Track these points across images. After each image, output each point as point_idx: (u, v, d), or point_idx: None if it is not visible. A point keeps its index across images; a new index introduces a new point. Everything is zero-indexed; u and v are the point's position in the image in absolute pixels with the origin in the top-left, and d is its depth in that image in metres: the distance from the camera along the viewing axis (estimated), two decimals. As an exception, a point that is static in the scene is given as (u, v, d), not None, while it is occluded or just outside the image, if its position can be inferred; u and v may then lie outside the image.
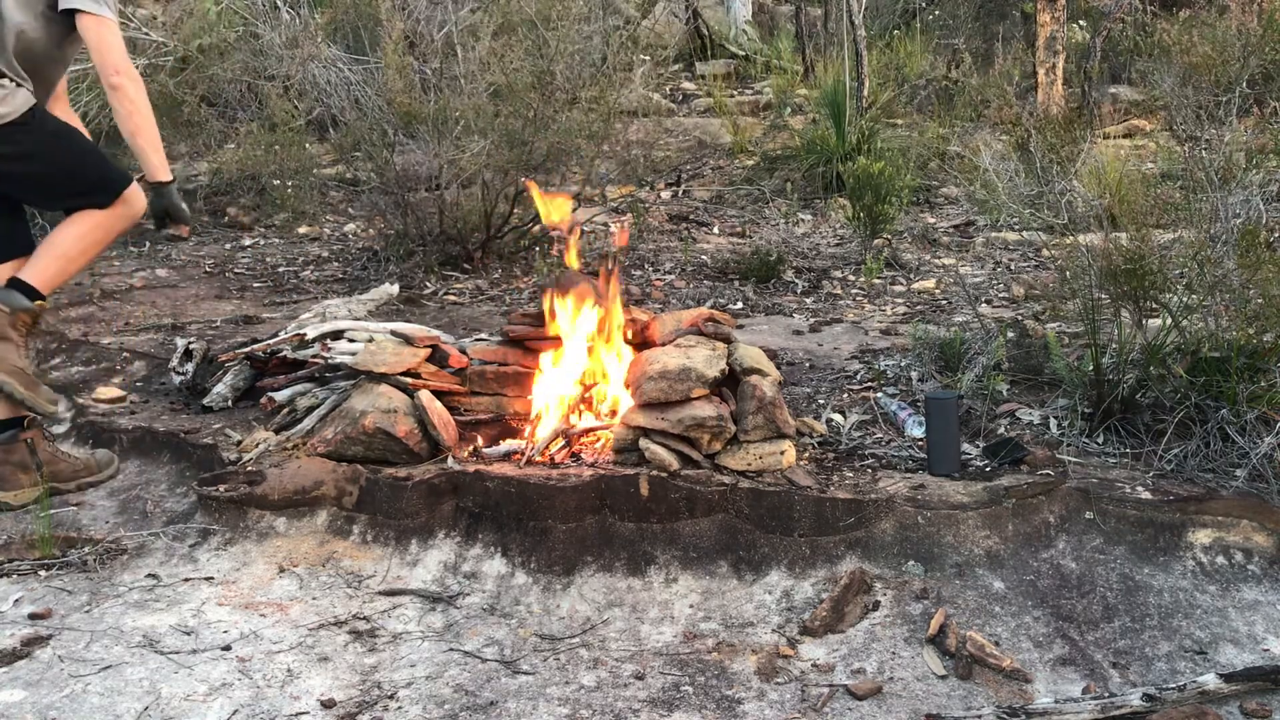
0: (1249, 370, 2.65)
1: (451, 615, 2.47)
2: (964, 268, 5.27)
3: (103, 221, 2.89)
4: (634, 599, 2.49)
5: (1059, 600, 2.36)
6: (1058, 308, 3.41)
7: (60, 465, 3.01)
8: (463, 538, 2.69)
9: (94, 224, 2.88)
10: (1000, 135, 4.57)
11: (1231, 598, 2.36)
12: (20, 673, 2.22)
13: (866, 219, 5.59)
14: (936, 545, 2.50)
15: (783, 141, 7.67)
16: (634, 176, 6.25)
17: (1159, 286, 2.90)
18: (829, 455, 2.87)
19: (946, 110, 7.75)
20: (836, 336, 4.07)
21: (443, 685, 2.18)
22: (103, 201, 2.87)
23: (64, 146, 2.87)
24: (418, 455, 2.87)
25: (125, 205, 2.92)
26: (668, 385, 2.69)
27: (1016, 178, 3.35)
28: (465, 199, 5.27)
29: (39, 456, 2.95)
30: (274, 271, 5.57)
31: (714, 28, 10.75)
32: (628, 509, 2.63)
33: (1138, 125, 7.44)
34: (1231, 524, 2.49)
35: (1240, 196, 2.85)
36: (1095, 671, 2.17)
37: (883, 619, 2.36)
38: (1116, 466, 2.73)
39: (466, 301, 4.81)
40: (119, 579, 2.64)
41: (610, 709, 2.09)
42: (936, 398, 2.74)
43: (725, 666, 2.23)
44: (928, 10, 10.61)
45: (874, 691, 2.12)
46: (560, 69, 5.04)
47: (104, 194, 2.89)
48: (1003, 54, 8.83)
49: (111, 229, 2.93)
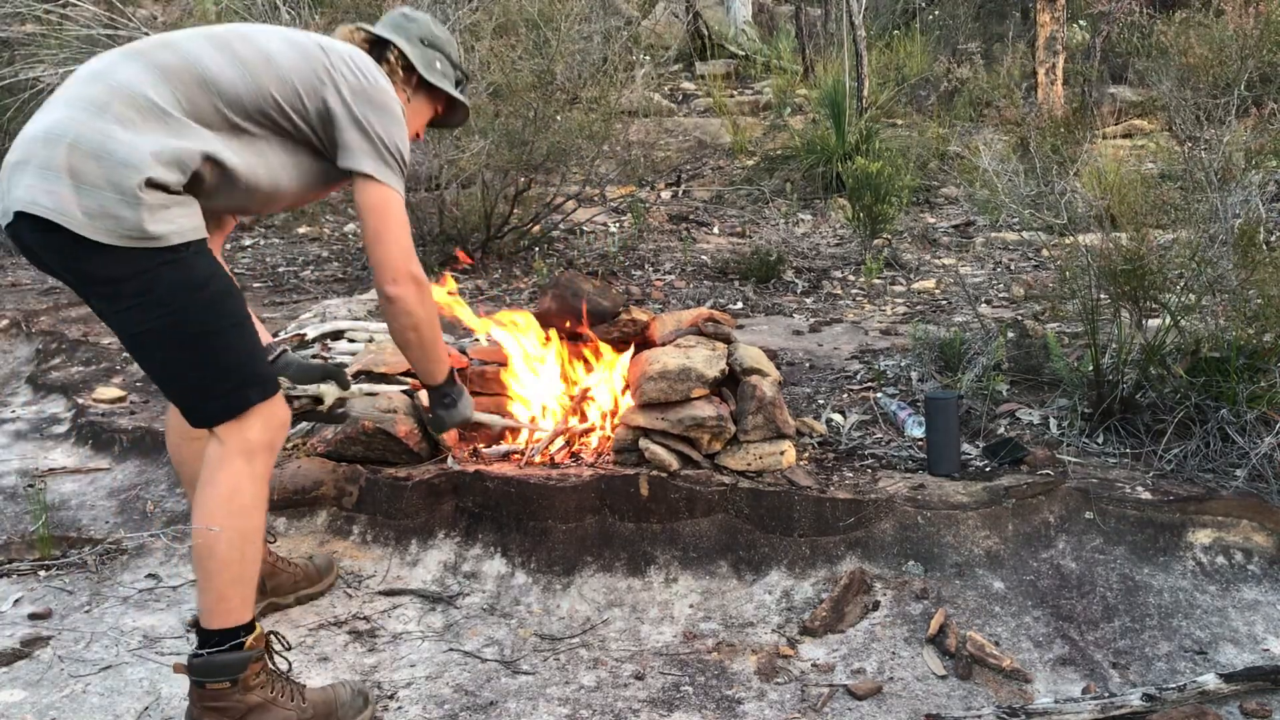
0: (1249, 370, 2.65)
1: (451, 615, 2.47)
2: (964, 268, 5.27)
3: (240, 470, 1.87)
4: (634, 599, 2.49)
5: (1059, 600, 2.36)
6: (1057, 308, 3.41)
7: (281, 577, 2.48)
8: (463, 538, 2.69)
9: (233, 488, 1.87)
10: (1001, 135, 4.57)
11: (1231, 598, 2.36)
12: (20, 673, 2.22)
13: (866, 219, 5.59)
14: (936, 545, 2.50)
15: (783, 141, 7.67)
16: (634, 176, 6.25)
17: (1158, 286, 2.90)
18: (829, 455, 2.87)
19: (946, 110, 7.75)
20: (836, 336, 4.07)
21: (443, 685, 2.18)
22: (218, 415, 1.88)
23: (204, 310, 1.83)
24: (418, 455, 2.87)
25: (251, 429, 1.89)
26: (668, 385, 2.69)
27: (1016, 178, 3.35)
28: (465, 199, 5.27)
29: (261, 570, 2.13)
30: (274, 271, 5.57)
31: (714, 28, 10.76)
32: (628, 509, 2.63)
33: (1138, 125, 7.44)
34: (1231, 524, 2.49)
35: (1239, 197, 2.85)
36: (1095, 671, 2.17)
37: (883, 619, 2.36)
38: (1116, 466, 2.73)
39: (466, 301, 4.81)
40: (119, 579, 2.64)
41: (610, 709, 2.09)
42: (936, 398, 2.74)
43: (725, 666, 2.23)
44: (928, 10, 10.61)
45: (874, 691, 2.12)
46: (560, 69, 5.04)
47: (221, 407, 1.88)
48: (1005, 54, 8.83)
49: (257, 477, 1.90)
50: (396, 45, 2.19)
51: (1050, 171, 3.27)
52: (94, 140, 1.72)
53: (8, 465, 3.37)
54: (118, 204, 1.71)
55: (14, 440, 3.57)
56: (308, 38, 2.02)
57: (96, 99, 1.77)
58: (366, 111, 1.97)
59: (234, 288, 1.91)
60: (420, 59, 2.22)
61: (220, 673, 1.87)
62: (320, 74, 1.95)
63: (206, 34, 1.93)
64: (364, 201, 1.98)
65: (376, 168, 1.96)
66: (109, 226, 1.70)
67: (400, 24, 2.24)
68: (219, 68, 1.86)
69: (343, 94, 1.96)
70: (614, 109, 5.34)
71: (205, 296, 1.82)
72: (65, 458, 3.40)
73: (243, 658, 1.88)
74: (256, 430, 1.88)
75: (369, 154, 1.96)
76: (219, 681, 1.87)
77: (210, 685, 1.87)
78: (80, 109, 1.76)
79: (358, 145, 1.96)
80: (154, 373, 1.93)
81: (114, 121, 1.74)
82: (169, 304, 1.78)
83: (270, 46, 1.93)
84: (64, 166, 1.70)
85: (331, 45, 2.03)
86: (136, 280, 1.76)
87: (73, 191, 1.70)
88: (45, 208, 1.69)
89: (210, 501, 1.86)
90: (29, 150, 1.74)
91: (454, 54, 2.30)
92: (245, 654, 1.88)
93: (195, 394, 1.89)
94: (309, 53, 1.97)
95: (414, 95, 2.26)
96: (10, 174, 1.75)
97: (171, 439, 2.25)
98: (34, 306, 4.84)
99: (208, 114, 1.85)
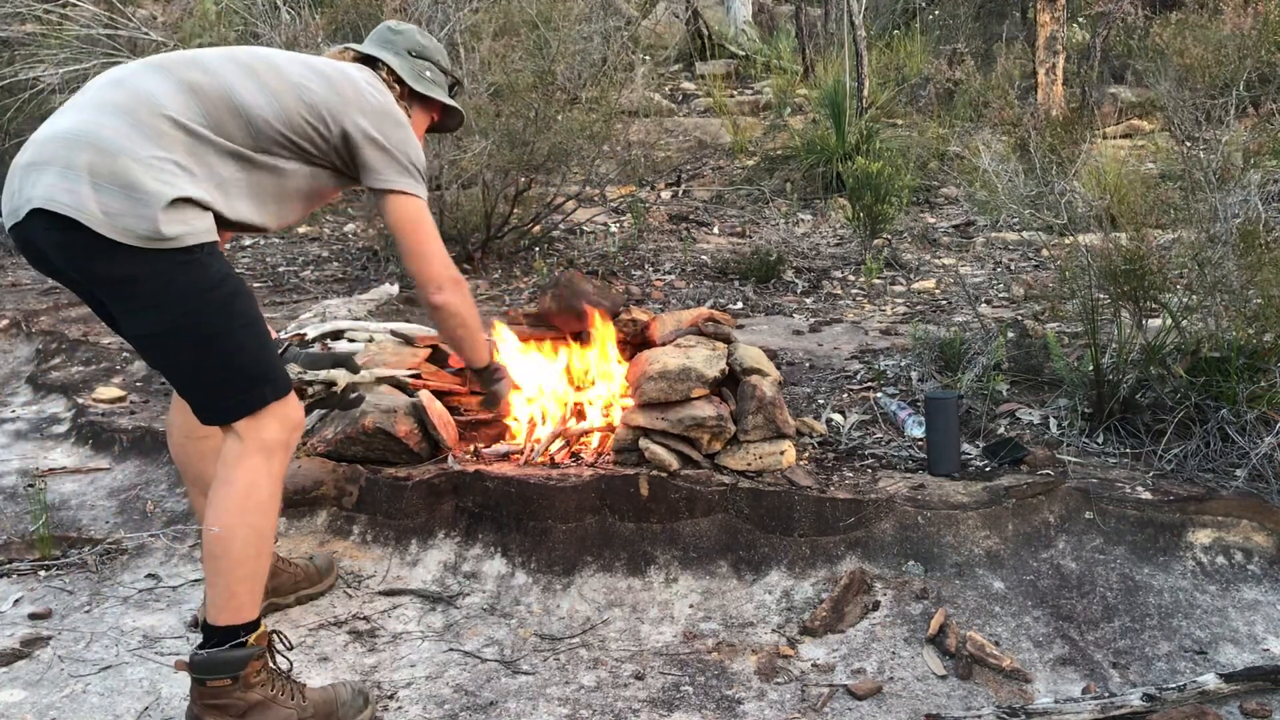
0: (1249, 370, 2.65)
1: (451, 615, 2.47)
2: (964, 268, 5.27)
3: (257, 467, 1.88)
4: (634, 599, 2.49)
5: (1059, 600, 2.36)
6: (1057, 308, 3.41)
7: (282, 577, 2.48)
8: (463, 538, 2.69)
9: (249, 485, 1.87)
10: (1000, 136, 4.57)
11: (1231, 598, 2.36)
12: (20, 673, 2.22)
13: (866, 219, 5.59)
14: (936, 545, 2.50)
15: (783, 141, 7.67)
16: (634, 176, 6.25)
17: (1158, 286, 2.90)
18: (829, 455, 2.87)
19: (946, 110, 7.75)
20: (836, 336, 4.07)
21: (443, 685, 2.18)
22: (231, 412, 1.89)
23: (217, 310, 1.84)
24: (418, 455, 2.87)
25: (268, 429, 1.90)
26: (668, 385, 2.69)
27: (1016, 179, 3.35)
28: (466, 199, 5.27)
29: None
30: (274, 271, 5.57)
31: (714, 28, 10.76)
32: (628, 509, 2.63)
33: (1138, 125, 7.44)
34: (1231, 524, 2.49)
35: (1239, 197, 2.85)
36: (1095, 671, 2.17)
37: (883, 619, 2.36)
38: (1116, 466, 2.73)
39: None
40: (119, 579, 2.64)
41: (610, 709, 2.09)
42: (936, 398, 2.74)
43: (725, 666, 2.23)
44: (928, 10, 10.61)
45: (874, 691, 2.12)
46: (561, 69, 5.04)
47: (236, 405, 1.89)
48: (1004, 54, 8.83)
49: (273, 475, 1.91)
50: (384, 62, 2.23)
51: (1049, 172, 3.27)
52: (115, 143, 1.74)
53: (8, 465, 3.37)
54: (135, 205, 1.73)
55: (14, 440, 3.57)
56: (328, 64, 2.09)
57: (121, 104, 1.80)
58: (386, 129, 2.04)
59: (245, 288, 1.93)
60: (409, 71, 2.26)
61: (221, 670, 1.87)
62: (344, 98, 2.01)
63: (231, 55, 1.97)
64: (396, 217, 2.07)
65: (404, 181, 2.05)
66: (126, 226, 1.72)
67: (387, 39, 2.28)
68: (248, 92, 1.91)
69: (365, 115, 2.02)
70: (614, 109, 5.34)
71: (218, 297, 1.83)
72: (65, 458, 3.40)
73: (244, 655, 1.88)
74: (273, 429, 1.90)
75: (395, 169, 2.04)
76: (220, 679, 1.87)
77: (211, 682, 1.87)
78: (104, 113, 1.79)
79: (382, 163, 2.03)
80: (169, 372, 1.95)
81: (135, 127, 1.77)
82: (183, 305, 1.80)
83: (294, 74, 1.99)
84: (85, 166, 1.72)
85: (347, 69, 2.10)
86: (151, 281, 1.78)
87: (92, 190, 1.71)
88: (65, 205, 1.71)
89: (227, 499, 1.87)
90: (47, 151, 1.76)
91: (443, 61, 2.36)
92: (247, 651, 1.89)
93: (210, 393, 1.90)
94: (331, 79, 2.03)
95: (410, 107, 2.29)
96: (24, 174, 1.76)
97: (174, 437, 2.25)
98: (34, 306, 4.85)
99: (233, 133, 1.89)
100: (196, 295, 1.81)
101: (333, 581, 2.59)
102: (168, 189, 1.75)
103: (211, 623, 1.89)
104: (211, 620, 1.89)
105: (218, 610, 1.88)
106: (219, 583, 1.88)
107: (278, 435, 1.91)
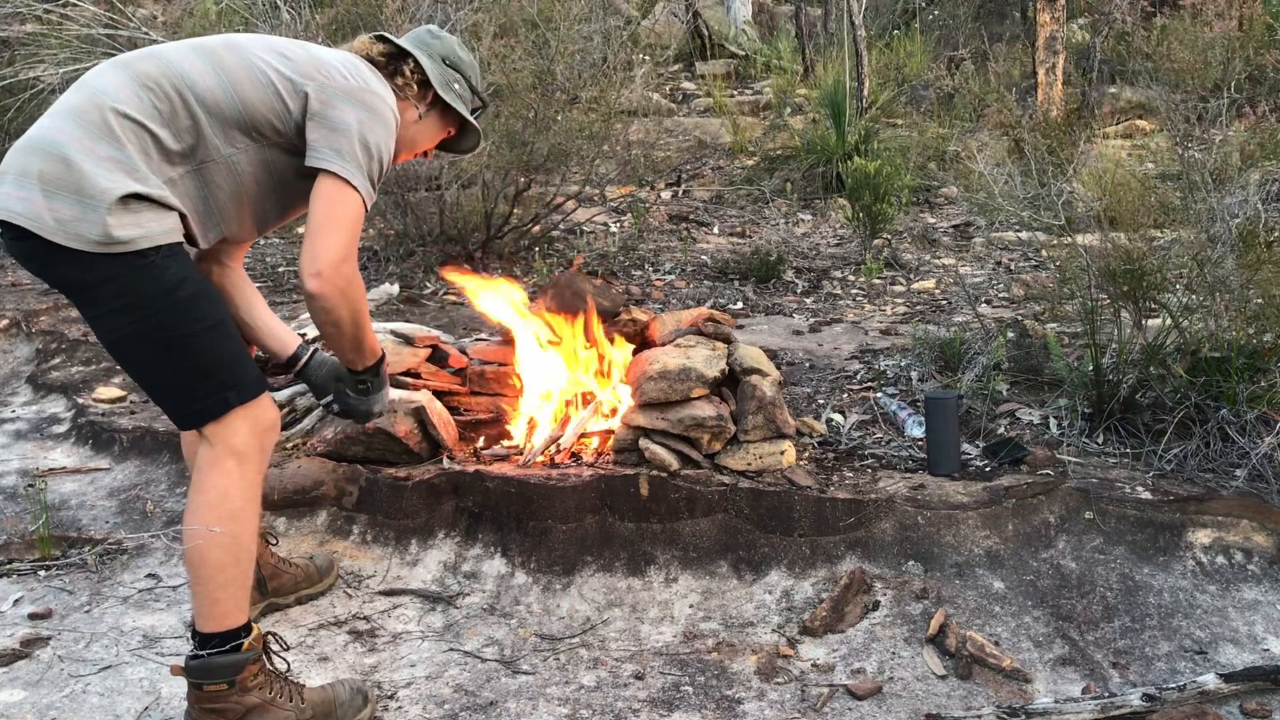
0: (1249, 370, 2.65)
1: (451, 615, 2.47)
2: (964, 268, 5.27)
3: (229, 473, 1.87)
4: (634, 599, 2.49)
5: (1059, 600, 2.36)
6: (1057, 308, 3.41)
7: (282, 578, 2.47)
8: (463, 538, 2.69)
9: (222, 492, 1.86)
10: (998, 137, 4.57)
11: (1231, 598, 2.36)
12: (20, 673, 2.22)
13: (866, 219, 5.59)
14: (936, 545, 2.50)
15: (783, 141, 7.67)
16: (634, 176, 6.25)
17: (1158, 287, 2.90)
18: (829, 455, 2.87)
19: (946, 110, 7.76)
20: (836, 336, 4.07)
21: (443, 685, 2.18)
22: (198, 417, 1.87)
23: (177, 313, 1.81)
24: (417, 455, 2.87)
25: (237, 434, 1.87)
26: (668, 385, 2.69)
27: (1013, 180, 3.35)
28: (465, 199, 5.27)
29: (263, 571, 2.41)
30: (274, 271, 5.57)
31: (714, 28, 10.77)
32: (628, 509, 2.63)
33: (1137, 125, 7.44)
34: (1231, 524, 2.49)
35: (1238, 197, 2.86)
36: (1095, 671, 2.17)
37: (883, 619, 2.36)
38: (1116, 466, 2.73)
39: (467, 301, 4.81)
40: (119, 579, 2.64)
41: (610, 709, 2.09)
42: (936, 398, 2.74)
43: (725, 666, 2.23)
44: (928, 10, 10.61)
45: (874, 691, 2.12)
46: (561, 69, 5.04)
47: (202, 409, 1.86)
48: (1004, 54, 8.83)
49: (247, 480, 1.89)
50: (415, 58, 2.16)
51: (1046, 173, 3.27)
52: (65, 146, 1.73)
53: (8, 465, 3.37)
54: (85, 209, 1.71)
55: (14, 440, 3.57)
56: (301, 46, 2.00)
57: (76, 107, 1.79)
58: (342, 110, 1.91)
59: (209, 290, 1.90)
60: (438, 75, 2.18)
61: (217, 675, 1.86)
62: (306, 76, 1.92)
63: (195, 43, 1.93)
64: (316, 193, 1.89)
65: (338, 164, 1.88)
66: (78, 231, 1.71)
67: (424, 39, 2.21)
68: (199, 74, 1.85)
69: (324, 92, 1.91)
70: (614, 109, 5.34)
71: (177, 300, 1.80)
72: (65, 458, 3.40)
73: (239, 659, 1.87)
74: (243, 433, 1.87)
75: (332, 151, 1.89)
76: (216, 683, 1.87)
77: (208, 687, 1.87)
78: (60, 117, 1.78)
79: (322, 143, 1.89)
80: (135, 376, 1.93)
81: (84, 127, 1.75)
82: (142, 309, 1.79)
83: (255, 53, 1.92)
84: (36, 174, 1.72)
85: (324, 53, 2.02)
86: (108, 286, 1.77)
87: (44, 198, 1.71)
88: (18, 214, 1.71)
89: (201, 507, 1.86)
90: (10, 160, 1.77)
91: (475, 79, 2.26)
92: (242, 656, 1.88)
93: (174, 398, 1.89)
94: (296, 58, 1.95)
95: (426, 112, 2.20)
96: None
97: (186, 436, 2.24)
98: (34, 306, 4.84)
99: (183, 123, 1.84)
100: (155, 299, 1.79)
101: (333, 581, 2.59)
102: (114, 186, 1.72)
103: (200, 630, 1.88)
104: (199, 628, 1.88)
105: (203, 618, 1.87)
106: (201, 591, 1.87)
107: (248, 440, 1.88)
